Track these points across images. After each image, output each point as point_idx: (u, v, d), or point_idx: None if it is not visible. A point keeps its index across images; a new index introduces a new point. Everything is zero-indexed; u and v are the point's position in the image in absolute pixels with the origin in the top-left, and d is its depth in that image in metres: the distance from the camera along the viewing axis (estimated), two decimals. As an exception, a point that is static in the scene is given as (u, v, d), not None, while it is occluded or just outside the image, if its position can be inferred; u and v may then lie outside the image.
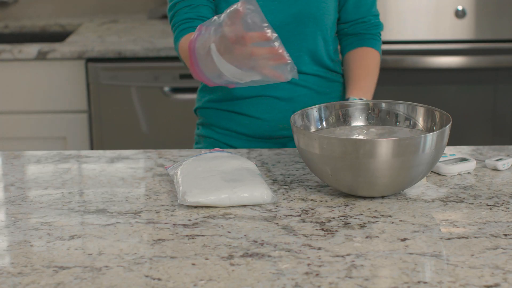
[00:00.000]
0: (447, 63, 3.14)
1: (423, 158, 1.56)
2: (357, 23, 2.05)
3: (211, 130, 2.06)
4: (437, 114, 1.71)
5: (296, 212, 1.57)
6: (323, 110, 1.75)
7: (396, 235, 1.46)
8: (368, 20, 2.06)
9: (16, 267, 1.36)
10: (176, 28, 1.93)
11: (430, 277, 1.31)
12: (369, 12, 2.06)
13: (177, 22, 1.93)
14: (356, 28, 2.06)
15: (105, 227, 1.52)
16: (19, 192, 1.70)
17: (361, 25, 2.06)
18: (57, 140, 3.22)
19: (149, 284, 1.30)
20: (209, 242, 1.44)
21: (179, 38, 1.91)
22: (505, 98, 3.17)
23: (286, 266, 1.35)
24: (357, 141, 1.54)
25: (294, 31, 1.95)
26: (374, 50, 2.06)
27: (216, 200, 1.58)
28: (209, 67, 1.61)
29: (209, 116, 2.06)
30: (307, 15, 1.95)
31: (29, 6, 3.80)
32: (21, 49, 3.14)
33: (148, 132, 3.20)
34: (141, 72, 3.15)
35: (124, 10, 3.83)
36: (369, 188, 1.59)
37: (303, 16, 1.95)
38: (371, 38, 2.06)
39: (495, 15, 3.11)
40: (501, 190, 1.67)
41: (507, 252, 1.39)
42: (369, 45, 2.06)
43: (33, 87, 3.17)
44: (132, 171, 1.81)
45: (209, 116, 2.06)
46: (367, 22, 2.06)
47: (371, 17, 2.06)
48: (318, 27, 1.97)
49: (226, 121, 2.03)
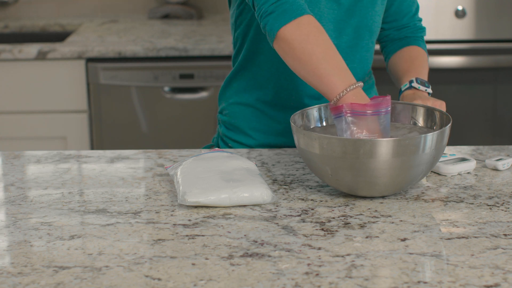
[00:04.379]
0: (447, 63, 3.14)
1: (423, 158, 1.56)
2: (403, 28, 2.04)
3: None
4: (437, 114, 1.71)
5: (296, 212, 1.57)
6: (323, 110, 1.75)
7: (396, 235, 1.46)
8: (413, 25, 2.05)
9: (16, 267, 1.36)
10: (275, 6, 1.71)
11: (430, 277, 1.31)
12: (413, 18, 2.05)
13: (275, 0, 1.71)
14: (402, 32, 2.04)
15: (105, 227, 1.52)
16: (19, 192, 1.70)
17: (406, 29, 2.05)
18: (57, 140, 3.22)
19: (149, 284, 1.30)
20: (209, 242, 1.44)
21: (288, 19, 1.68)
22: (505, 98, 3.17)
23: (286, 266, 1.35)
24: (357, 141, 1.54)
25: (351, 42, 1.93)
26: (421, 48, 2.04)
27: (216, 200, 1.58)
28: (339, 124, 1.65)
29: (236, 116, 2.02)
30: (364, 27, 1.93)
31: (29, 6, 3.80)
32: (21, 49, 3.15)
33: (148, 132, 3.20)
34: (141, 72, 3.15)
35: (124, 10, 3.83)
36: (369, 188, 1.59)
37: (359, 28, 1.92)
38: (417, 40, 2.05)
39: (495, 15, 3.11)
40: (501, 190, 1.67)
41: (507, 252, 1.39)
42: (415, 43, 2.04)
43: (33, 87, 3.17)
44: (132, 171, 1.81)
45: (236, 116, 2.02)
46: (412, 26, 2.05)
47: (415, 22, 2.06)
48: (371, 39, 1.96)
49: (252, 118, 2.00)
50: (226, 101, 2.03)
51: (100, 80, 3.16)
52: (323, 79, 1.66)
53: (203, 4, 3.81)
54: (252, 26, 1.93)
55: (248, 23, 1.93)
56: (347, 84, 1.64)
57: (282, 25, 1.68)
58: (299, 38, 1.67)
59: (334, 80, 1.65)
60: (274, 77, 1.94)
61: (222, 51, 3.15)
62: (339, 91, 1.63)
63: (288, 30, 1.68)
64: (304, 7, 1.70)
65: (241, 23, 1.95)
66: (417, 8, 2.07)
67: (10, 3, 3.77)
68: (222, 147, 2.04)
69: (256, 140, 1.99)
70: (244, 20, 1.94)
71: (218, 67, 3.16)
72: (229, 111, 2.02)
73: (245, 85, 1.98)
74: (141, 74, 3.15)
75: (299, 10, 1.69)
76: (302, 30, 1.68)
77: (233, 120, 2.01)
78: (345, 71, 1.66)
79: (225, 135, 2.03)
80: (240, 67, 1.98)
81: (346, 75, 1.66)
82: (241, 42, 1.97)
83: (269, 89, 1.95)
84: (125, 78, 3.16)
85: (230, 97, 2.01)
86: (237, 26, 1.97)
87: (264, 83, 1.95)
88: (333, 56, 1.67)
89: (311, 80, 1.68)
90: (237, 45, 1.99)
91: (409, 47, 2.03)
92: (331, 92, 1.65)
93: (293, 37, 1.67)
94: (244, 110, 1.99)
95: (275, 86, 1.94)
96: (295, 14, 1.68)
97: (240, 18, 1.95)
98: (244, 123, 2.00)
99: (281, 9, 1.69)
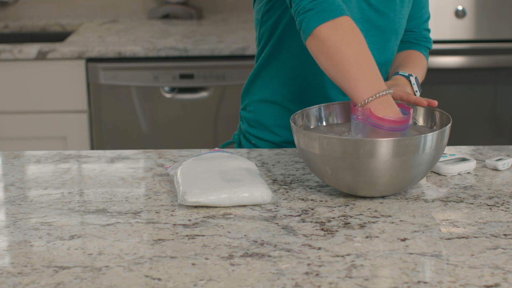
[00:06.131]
0: (447, 63, 3.14)
1: (423, 158, 1.56)
2: (408, 32, 2.03)
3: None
4: (437, 114, 1.71)
5: (296, 212, 1.57)
6: (323, 110, 1.75)
7: (396, 235, 1.46)
8: (419, 31, 2.04)
9: (16, 267, 1.36)
10: (313, 4, 1.69)
11: (430, 277, 1.31)
12: (421, 26, 2.05)
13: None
14: (406, 36, 2.03)
15: (105, 227, 1.52)
16: (19, 192, 1.70)
17: (411, 34, 2.04)
18: (57, 140, 3.22)
19: (149, 284, 1.30)
20: (209, 242, 1.44)
21: (326, 18, 1.67)
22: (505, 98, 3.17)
23: (286, 266, 1.35)
24: (357, 141, 1.54)
25: (378, 44, 1.91)
26: (423, 56, 2.02)
27: (216, 200, 1.58)
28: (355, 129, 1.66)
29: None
30: (391, 30, 1.92)
31: (29, 6, 3.80)
32: (21, 49, 3.15)
33: (148, 132, 3.21)
34: (141, 72, 3.15)
35: (124, 10, 3.83)
36: (369, 188, 1.59)
37: (387, 31, 1.91)
38: (420, 46, 2.04)
39: (495, 15, 3.11)
40: (501, 190, 1.67)
41: (507, 252, 1.39)
42: (417, 49, 2.03)
43: (33, 87, 3.17)
44: (132, 171, 1.81)
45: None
46: (418, 33, 2.04)
47: (422, 30, 2.05)
48: (396, 42, 1.95)
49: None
50: (250, 98, 2.01)
51: (100, 80, 3.16)
52: (351, 82, 1.63)
53: (203, 4, 3.81)
54: (281, 23, 1.91)
55: (277, 20, 1.91)
56: (375, 91, 1.62)
57: (319, 23, 1.66)
58: (335, 38, 1.65)
59: (362, 84, 1.63)
60: (301, 74, 1.92)
61: (222, 51, 3.15)
62: (365, 97, 1.61)
63: (325, 29, 1.66)
64: (343, 8, 1.68)
65: (268, 19, 1.93)
66: (428, 17, 2.06)
67: (10, 3, 3.77)
68: (244, 144, 2.03)
69: (281, 137, 1.98)
70: (272, 16, 1.92)
71: (218, 67, 3.16)
72: (253, 108, 2.00)
73: (269, 82, 1.97)
74: (141, 74, 3.15)
75: (338, 10, 1.67)
76: (338, 31, 1.66)
77: (258, 117, 1.99)
78: (375, 77, 1.64)
79: (248, 132, 2.02)
80: (264, 64, 1.96)
81: (376, 81, 1.64)
82: (266, 39, 1.95)
83: (295, 86, 1.94)
84: (125, 78, 3.16)
85: (254, 94, 2.00)
86: (263, 22, 1.95)
87: (289, 81, 1.94)
88: (366, 60, 1.65)
89: (340, 81, 1.65)
90: (262, 41, 1.97)
91: (411, 50, 2.03)
92: (357, 96, 1.62)
93: (329, 36, 1.66)
94: (269, 107, 1.98)
95: (302, 84, 1.93)
96: (334, 14, 1.66)
97: (268, 14, 1.93)
98: (269, 120, 1.98)
99: (321, 7, 1.67)
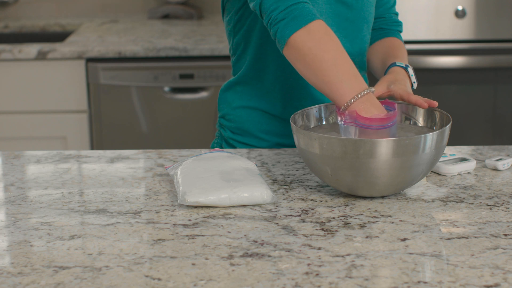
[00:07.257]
0: (447, 63, 3.14)
1: (423, 158, 1.56)
2: (378, 18, 2.04)
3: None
4: (437, 114, 1.71)
5: (296, 212, 1.57)
6: (323, 110, 1.75)
7: (396, 235, 1.46)
8: (389, 17, 2.05)
9: (16, 267, 1.36)
10: (285, 13, 1.69)
11: (430, 277, 1.31)
12: (389, 11, 2.06)
13: (284, 7, 1.69)
14: (376, 23, 2.04)
15: (105, 227, 1.52)
16: (19, 192, 1.70)
17: (381, 20, 2.04)
18: (57, 140, 3.22)
19: (149, 284, 1.30)
20: (209, 242, 1.44)
21: (299, 26, 1.67)
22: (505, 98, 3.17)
23: (286, 266, 1.35)
24: (357, 141, 1.54)
25: (350, 35, 1.91)
26: (401, 41, 2.03)
27: (216, 200, 1.58)
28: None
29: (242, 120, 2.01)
30: (362, 19, 1.92)
31: (29, 6, 3.80)
32: (21, 49, 3.15)
33: (148, 132, 3.21)
34: (141, 72, 3.15)
35: (124, 10, 3.83)
36: (369, 188, 1.59)
37: (357, 21, 1.92)
38: (394, 32, 2.05)
39: (495, 15, 3.11)
40: (501, 190, 1.67)
41: (507, 252, 1.39)
42: (392, 35, 2.04)
43: (33, 87, 3.18)
44: (132, 171, 1.81)
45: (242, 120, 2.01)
46: (388, 18, 2.05)
47: (391, 14, 2.06)
48: (368, 31, 1.95)
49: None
50: (228, 106, 1.99)
51: (100, 80, 3.16)
52: (332, 86, 1.64)
53: (203, 4, 3.81)
54: (254, 31, 1.91)
55: (248, 28, 1.91)
56: (356, 91, 1.62)
57: (292, 32, 1.67)
58: (310, 45, 1.66)
59: (343, 87, 1.63)
60: (281, 79, 1.92)
61: (222, 51, 3.14)
62: (347, 99, 1.62)
63: (299, 37, 1.67)
64: (313, 12, 1.68)
65: (240, 29, 1.93)
66: (394, 2, 2.07)
67: (10, 3, 3.77)
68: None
69: (269, 142, 1.97)
70: (243, 26, 1.92)
71: (218, 67, 3.16)
72: (233, 116, 1.98)
73: (251, 89, 1.96)
74: (141, 74, 3.15)
75: (309, 15, 1.67)
76: (312, 37, 1.66)
77: (240, 125, 1.98)
78: (355, 77, 1.65)
79: (232, 138, 1.99)
80: (246, 73, 1.95)
81: (356, 81, 1.64)
82: (243, 48, 1.94)
83: (276, 91, 1.93)
84: (125, 78, 3.16)
85: (233, 102, 1.98)
86: (235, 33, 1.95)
87: (271, 86, 1.93)
88: (343, 62, 1.65)
89: (321, 87, 1.66)
90: (237, 51, 1.96)
91: (390, 38, 2.03)
92: (340, 99, 1.63)
93: (304, 44, 1.66)
94: (251, 114, 1.96)
95: (283, 88, 1.92)
96: (305, 20, 1.67)
97: (239, 24, 1.93)
98: (253, 126, 1.97)
99: (291, 15, 1.68)
